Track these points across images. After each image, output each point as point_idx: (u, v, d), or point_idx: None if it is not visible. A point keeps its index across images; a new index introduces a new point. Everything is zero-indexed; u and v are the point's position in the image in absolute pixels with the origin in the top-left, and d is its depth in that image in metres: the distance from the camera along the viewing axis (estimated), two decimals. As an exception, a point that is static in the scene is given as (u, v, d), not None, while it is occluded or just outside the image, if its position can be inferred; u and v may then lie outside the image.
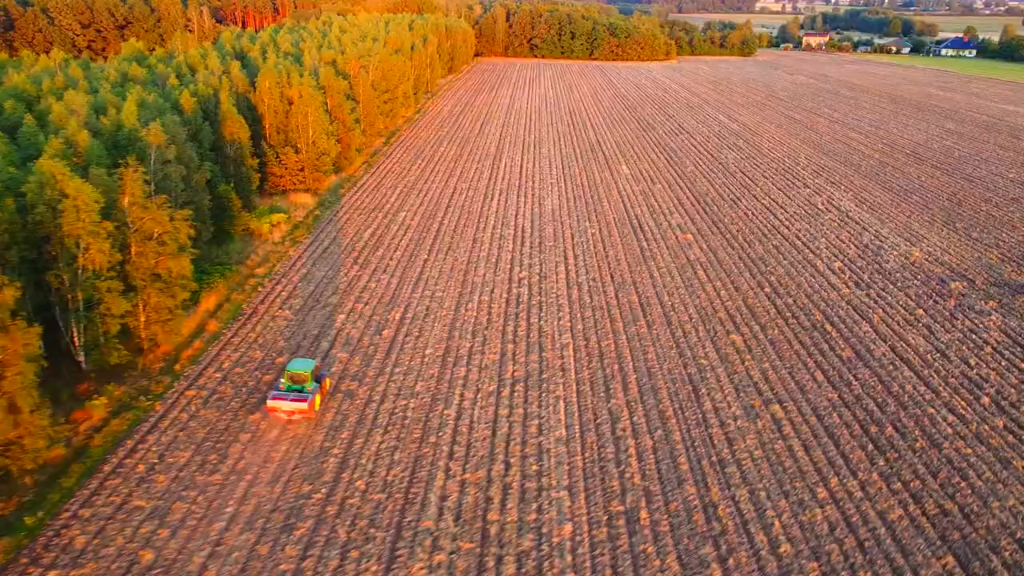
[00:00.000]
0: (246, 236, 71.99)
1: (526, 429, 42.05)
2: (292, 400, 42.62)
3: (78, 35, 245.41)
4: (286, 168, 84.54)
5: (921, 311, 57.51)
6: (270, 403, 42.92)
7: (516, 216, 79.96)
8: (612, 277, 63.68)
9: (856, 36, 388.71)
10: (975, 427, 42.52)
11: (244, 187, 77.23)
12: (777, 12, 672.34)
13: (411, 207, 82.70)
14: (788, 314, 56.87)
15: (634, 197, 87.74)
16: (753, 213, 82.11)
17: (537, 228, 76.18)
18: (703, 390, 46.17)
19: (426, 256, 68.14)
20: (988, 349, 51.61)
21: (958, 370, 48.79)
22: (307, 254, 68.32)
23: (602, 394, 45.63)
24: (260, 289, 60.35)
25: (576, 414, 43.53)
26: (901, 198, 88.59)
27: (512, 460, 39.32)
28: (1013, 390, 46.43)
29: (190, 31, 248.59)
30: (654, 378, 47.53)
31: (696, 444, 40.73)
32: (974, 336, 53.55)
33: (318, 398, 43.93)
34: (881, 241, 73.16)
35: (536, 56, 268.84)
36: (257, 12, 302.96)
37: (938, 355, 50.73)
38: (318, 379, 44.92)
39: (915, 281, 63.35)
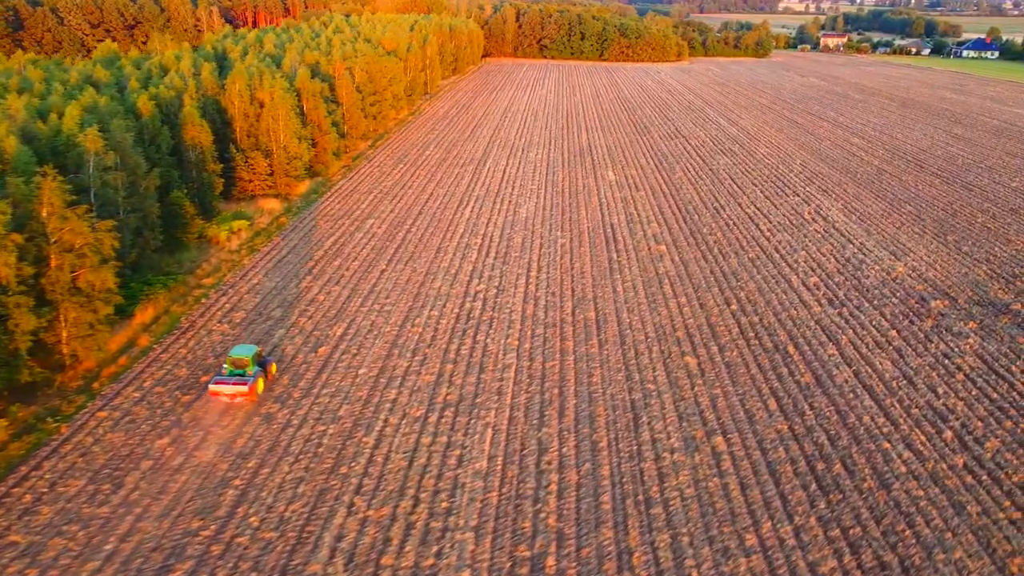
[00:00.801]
0: (203, 244, 69.96)
1: (445, 460, 39.35)
2: (233, 384, 43.96)
3: (87, 35, 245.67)
4: (255, 173, 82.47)
5: (894, 332, 54.05)
6: (212, 387, 44.22)
7: (487, 224, 77.25)
8: (573, 291, 60.80)
9: (877, 37, 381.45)
10: (931, 465, 39.19)
11: (207, 193, 75.32)
12: (800, 12, 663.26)
13: (381, 214, 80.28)
14: (751, 334, 53.66)
15: (614, 205, 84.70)
16: (735, 223, 78.77)
17: (506, 237, 73.43)
18: (644, 418, 43.20)
19: (384, 267, 65.67)
20: (960, 376, 48.11)
21: (924, 399, 45.39)
22: (262, 263, 66.10)
23: (535, 421, 42.82)
24: (204, 301, 58.16)
25: (503, 443, 40.76)
26: (893, 208, 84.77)
27: (423, 495, 36.64)
28: (980, 423, 42.98)
29: (199, 31, 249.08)
30: (594, 404, 44.63)
31: (624, 480, 37.80)
32: (947, 361, 50.03)
33: (261, 382, 45.37)
34: (864, 255, 69.57)
35: (546, 57, 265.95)
36: (267, 12, 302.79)
37: (904, 382, 47.33)
38: (262, 364, 46.32)
39: (893, 299, 59.83)
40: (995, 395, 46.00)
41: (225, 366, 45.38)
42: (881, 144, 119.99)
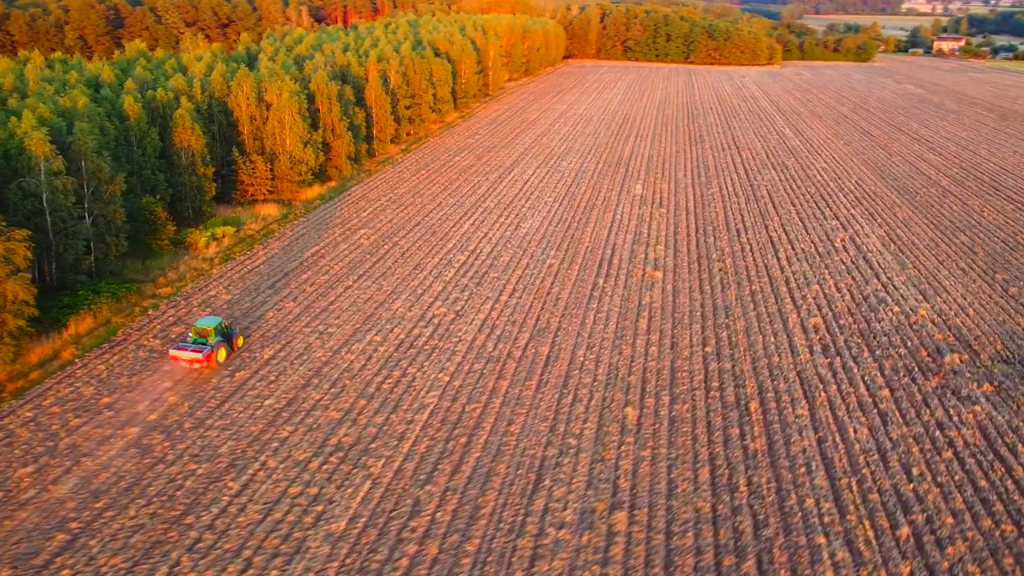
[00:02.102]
0: (181, 250, 68.47)
1: (303, 517, 35.23)
2: (191, 351, 47.07)
3: (182, 33, 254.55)
4: (255, 177, 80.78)
5: (886, 392, 46.21)
6: (172, 353, 47.62)
7: (481, 240, 72.68)
8: (536, 321, 55.54)
9: (1003, 40, 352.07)
10: (865, 574, 32.15)
11: (197, 197, 74.00)
12: (926, 13, 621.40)
13: (377, 224, 77.01)
14: (715, 383, 47.06)
15: (625, 222, 78.46)
16: (752, 248, 71.22)
17: (493, 256, 68.69)
18: (547, 481, 37.80)
19: (351, 283, 62.22)
20: (947, 454, 40.20)
21: (891, 482, 37.96)
22: (229, 274, 63.87)
23: (423, 476, 38.13)
24: (151, 312, 56.20)
25: (375, 501, 36.30)
26: (944, 237, 74.87)
27: (257, 559, 32.66)
28: (951, 519, 35.32)
29: (288, 29, 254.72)
30: (499, 459, 39.53)
31: (487, 561, 32.65)
32: (938, 433, 42.07)
33: (223, 351, 48.59)
34: (888, 293, 61.04)
35: (629, 59, 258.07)
36: (356, 11, 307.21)
37: (875, 457, 39.90)
38: (226, 336, 49.41)
39: (901, 350, 51.63)
40: (984, 482, 38.02)
41: (190, 335, 49.03)
42: (959, 162, 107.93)
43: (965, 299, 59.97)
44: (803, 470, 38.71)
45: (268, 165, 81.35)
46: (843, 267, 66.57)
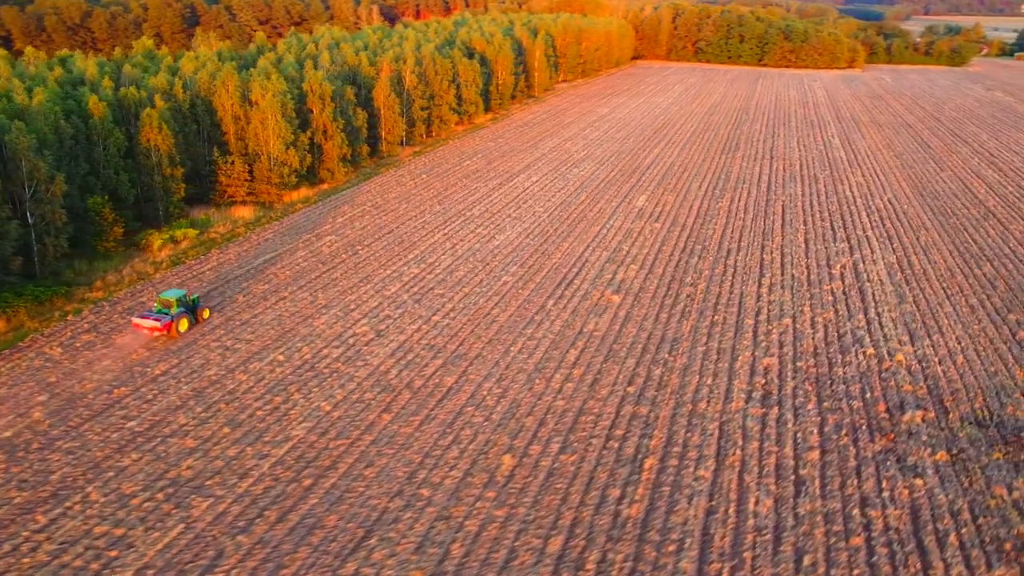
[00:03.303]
0: (134, 252, 67.12)
1: (90, 563, 32.02)
2: (153, 319, 50.12)
3: (255, 31, 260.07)
4: (232, 178, 79.09)
5: (815, 454, 39.60)
6: (134, 321, 50.86)
7: (445, 252, 68.58)
8: (458, 347, 51.07)
9: None
10: None
11: (164, 198, 72.73)
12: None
13: (347, 231, 73.99)
14: (620, 431, 41.47)
15: (609, 238, 72.76)
16: (734, 272, 64.51)
17: (448, 270, 64.47)
18: (373, 540, 33.41)
19: (286, 294, 59.27)
20: (857, 540, 33.56)
21: (769, 573, 31.78)
22: (171, 279, 61.95)
23: (242, 523, 34.38)
24: (70, 319, 54.58)
25: (177, 549, 32.76)
26: (965, 267, 66.02)
27: (15, 610, 29.68)
28: (826, 627, 29.06)
29: (359, 28, 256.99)
30: (335, 508, 35.39)
31: (259, 633, 28.64)
32: (856, 512, 35.33)
33: (184, 322, 51.42)
34: (869, 331, 53.58)
35: (700, 60, 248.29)
36: (428, 9, 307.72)
37: (767, 538, 33.65)
38: (191, 308, 52.45)
39: (856, 402, 44.61)
40: (889, 580, 31.42)
41: (155, 304, 51.78)
42: (1019, 180, 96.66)
43: (960, 343, 51.96)
44: (672, 548, 32.98)
45: (246, 166, 79.48)
46: (830, 298, 59.22)
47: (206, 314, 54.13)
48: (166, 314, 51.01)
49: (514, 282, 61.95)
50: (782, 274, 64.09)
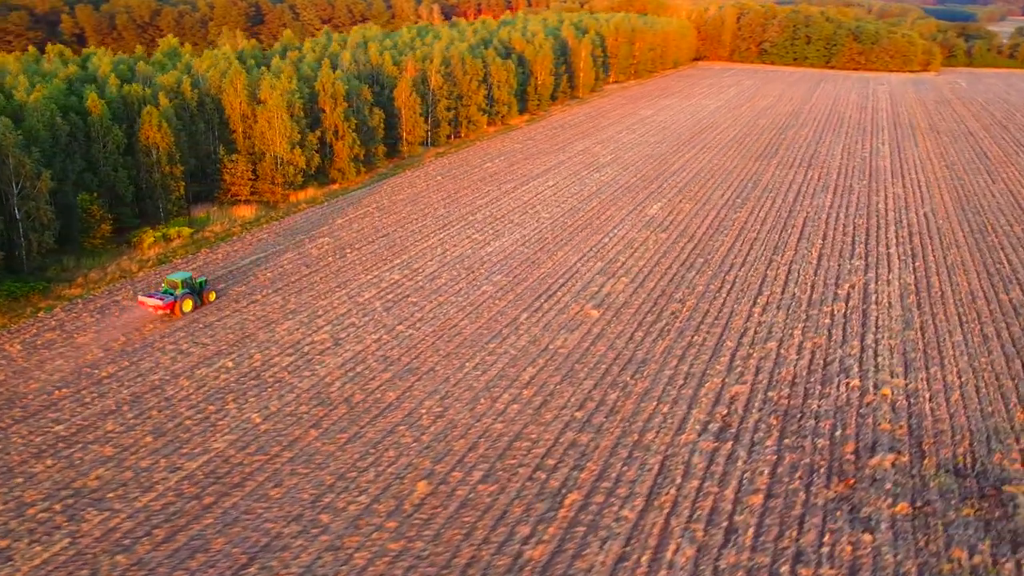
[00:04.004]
0: (126, 249, 67.41)
1: (-37, 575, 31.25)
2: (157, 299, 52.71)
3: (318, 29, 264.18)
4: (235, 176, 78.93)
5: (759, 498, 35.89)
6: (140, 298, 53.76)
7: (432, 258, 66.60)
8: (413, 360, 48.96)
9: None
10: None
11: (163, 196, 72.96)
12: None
13: (343, 233, 72.85)
14: (552, 460, 38.64)
15: (608, 247, 69.48)
16: (731, 288, 60.46)
17: (430, 277, 62.46)
18: (254, 568, 31.59)
19: (259, 297, 58.31)
20: (776, 602, 29.98)
21: (670, 632, 28.56)
22: (153, 277, 61.80)
23: (128, 541, 33.05)
24: (40, 316, 54.82)
25: (53, 567, 31.65)
26: (989, 291, 60.23)
27: None
28: None
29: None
30: (226, 531, 33.70)
31: (99, 666, 27.11)
32: (785, 569, 31.64)
33: (189, 303, 53.93)
34: (860, 360, 49.06)
35: (764, 62, 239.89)
36: (490, 8, 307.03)
37: (675, 592, 30.42)
38: (196, 290, 54.82)
39: (823, 440, 40.53)
40: (798, 653, 27.78)
41: (163, 284, 54.57)
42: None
43: (960, 376, 47.01)
44: (565, 599, 30.08)
45: (250, 165, 79.23)
46: (826, 321, 54.73)
47: (212, 296, 56.23)
48: (171, 294, 53.39)
49: (493, 292, 59.52)
50: (782, 292, 59.76)
